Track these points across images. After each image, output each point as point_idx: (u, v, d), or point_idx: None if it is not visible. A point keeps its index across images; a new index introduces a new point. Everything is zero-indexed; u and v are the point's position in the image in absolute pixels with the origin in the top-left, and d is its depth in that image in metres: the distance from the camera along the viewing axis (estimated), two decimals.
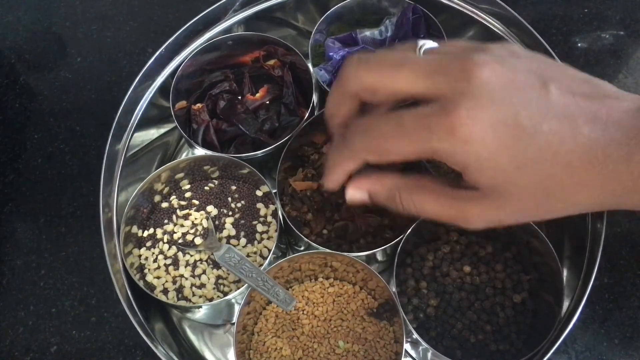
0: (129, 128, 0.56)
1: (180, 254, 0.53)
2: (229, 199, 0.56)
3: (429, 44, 0.31)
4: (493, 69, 0.27)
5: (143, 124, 0.57)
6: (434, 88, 0.28)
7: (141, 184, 0.51)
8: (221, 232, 0.54)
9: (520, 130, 0.26)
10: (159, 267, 0.53)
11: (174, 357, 0.47)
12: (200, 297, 0.51)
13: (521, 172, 0.27)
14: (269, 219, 0.55)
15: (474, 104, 0.26)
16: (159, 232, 0.54)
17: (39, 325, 0.56)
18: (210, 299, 0.51)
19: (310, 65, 0.58)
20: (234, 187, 0.56)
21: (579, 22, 0.71)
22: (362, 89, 0.30)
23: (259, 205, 0.55)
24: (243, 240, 0.53)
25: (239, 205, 0.55)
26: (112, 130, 0.53)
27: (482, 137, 0.26)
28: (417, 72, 0.28)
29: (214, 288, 0.52)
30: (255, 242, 0.54)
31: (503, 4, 0.57)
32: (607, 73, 0.68)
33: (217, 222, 0.55)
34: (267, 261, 0.50)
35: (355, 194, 0.34)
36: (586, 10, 0.72)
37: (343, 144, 0.32)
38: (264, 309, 0.53)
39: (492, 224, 0.30)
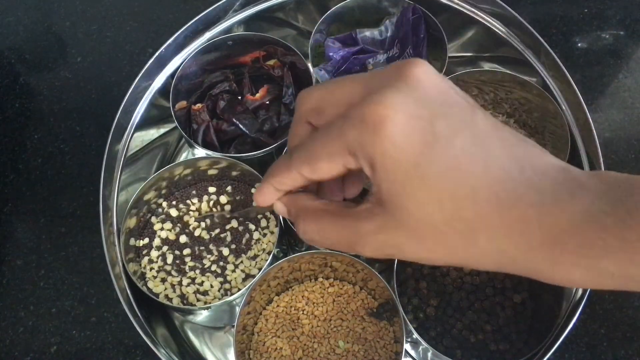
0: (129, 128, 0.56)
1: (181, 261, 0.53)
2: (227, 198, 0.56)
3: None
4: (428, 74, 0.25)
5: (143, 124, 0.57)
6: (368, 90, 0.26)
7: (139, 189, 0.51)
8: (221, 232, 0.54)
9: (432, 136, 0.24)
10: (160, 271, 0.53)
11: (175, 358, 0.48)
12: (205, 303, 0.51)
13: (424, 184, 0.24)
14: (267, 214, 0.55)
15: (394, 96, 0.24)
16: (158, 238, 0.54)
17: (39, 325, 0.56)
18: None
19: (310, 66, 0.58)
20: (229, 189, 0.56)
21: (579, 22, 0.71)
22: (309, 109, 0.29)
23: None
24: (244, 239, 0.53)
25: (236, 204, 0.55)
26: (112, 130, 0.53)
27: (392, 130, 0.24)
28: (357, 81, 0.27)
29: (218, 291, 0.52)
30: (255, 240, 0.54)
31: (503, 4, 0.57)
32: (607, 73, 0.68)
33: (216, 222, 0.55)
34: (269, 258, 0.50)
35: (278, 206, 0.32)
36: (586, 10, 0.72)
37: (283, 159, 0.30)
38: (264, 309, 0.53)
39: (389, 250, 0.26)
